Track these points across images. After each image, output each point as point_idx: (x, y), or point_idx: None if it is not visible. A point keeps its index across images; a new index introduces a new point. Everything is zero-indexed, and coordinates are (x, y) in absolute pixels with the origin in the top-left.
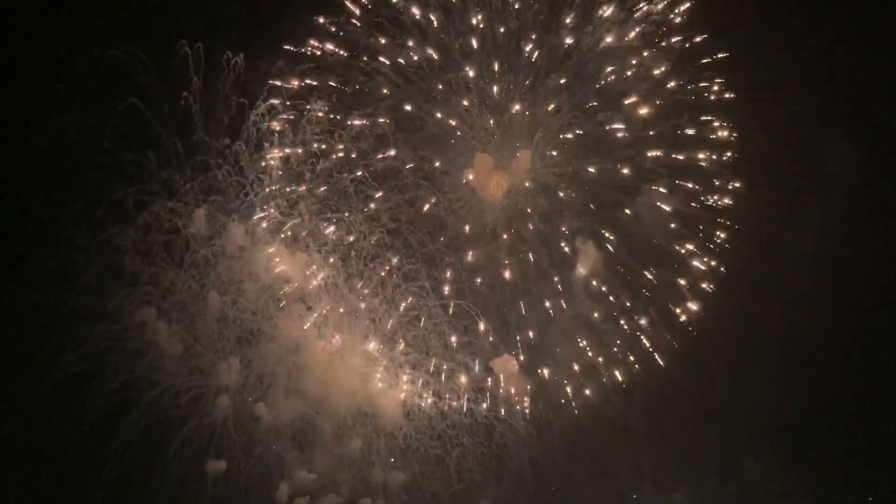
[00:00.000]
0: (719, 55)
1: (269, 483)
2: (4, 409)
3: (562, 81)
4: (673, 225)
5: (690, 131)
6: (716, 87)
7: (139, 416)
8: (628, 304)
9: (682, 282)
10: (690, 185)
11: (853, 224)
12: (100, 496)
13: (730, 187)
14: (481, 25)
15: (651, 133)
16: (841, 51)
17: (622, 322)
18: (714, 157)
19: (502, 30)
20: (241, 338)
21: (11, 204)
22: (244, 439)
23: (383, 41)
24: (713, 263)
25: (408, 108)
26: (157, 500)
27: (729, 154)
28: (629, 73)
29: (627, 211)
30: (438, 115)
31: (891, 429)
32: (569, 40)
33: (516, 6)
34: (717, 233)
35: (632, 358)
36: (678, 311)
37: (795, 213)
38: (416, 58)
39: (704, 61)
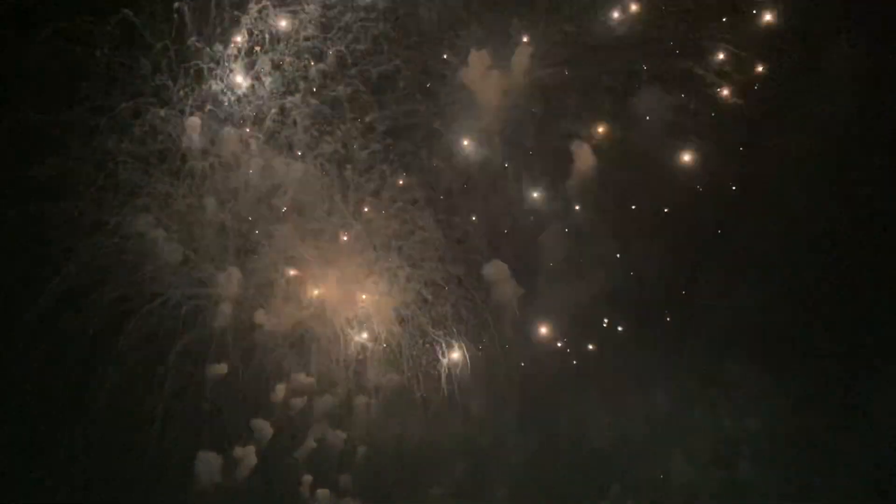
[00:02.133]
0: None
1: (267, 386)
2: (5, 321)
3: None
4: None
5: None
6: None
7: (140, 325)
8: (620, 212)
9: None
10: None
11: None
12: (101, 402)
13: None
14: None
15: (657, 37)
16: None
17: (612, 230)
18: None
19: None
20: (239, 248)
21: (6, 114)
22: (244, 346)
23: None
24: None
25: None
26: (156, 403)
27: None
28: None
29: (628, 113)
30: (431, 16)
31: (873, 333)
32: None
33: None
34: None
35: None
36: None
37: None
38: None
39: None
